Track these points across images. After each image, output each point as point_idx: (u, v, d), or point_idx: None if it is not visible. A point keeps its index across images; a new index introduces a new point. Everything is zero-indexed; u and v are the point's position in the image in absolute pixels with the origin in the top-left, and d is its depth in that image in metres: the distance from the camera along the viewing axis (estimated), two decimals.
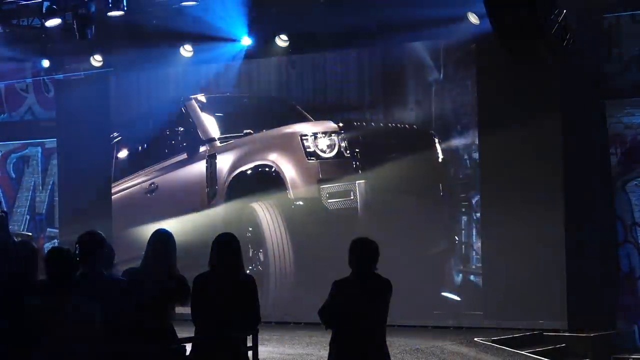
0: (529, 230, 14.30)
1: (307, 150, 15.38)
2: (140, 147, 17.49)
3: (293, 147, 15.51)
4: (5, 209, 9.08)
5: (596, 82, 15.00)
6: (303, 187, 15.55)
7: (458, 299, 15.00)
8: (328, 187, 15.39)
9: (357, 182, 15.31)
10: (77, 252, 7.81)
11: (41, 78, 19.73)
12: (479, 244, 14.88)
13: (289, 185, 15.53)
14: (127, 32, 16.55)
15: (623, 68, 15.16)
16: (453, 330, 14.62)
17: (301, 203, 15.60)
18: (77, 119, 18.20)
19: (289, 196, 15.59)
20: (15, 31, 17.18)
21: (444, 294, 15.07)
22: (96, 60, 17.82)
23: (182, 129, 16.77)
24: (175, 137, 16.88)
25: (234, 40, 16.36)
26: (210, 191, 16.26)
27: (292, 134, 15.63)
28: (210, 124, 16.49)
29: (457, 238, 15.13)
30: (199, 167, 16.42)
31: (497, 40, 10.19)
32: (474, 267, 14.95)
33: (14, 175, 20.53)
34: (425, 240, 15.14)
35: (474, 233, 15.00)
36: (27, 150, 20.53)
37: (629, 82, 15.11)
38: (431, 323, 14.95)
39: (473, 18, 14.64)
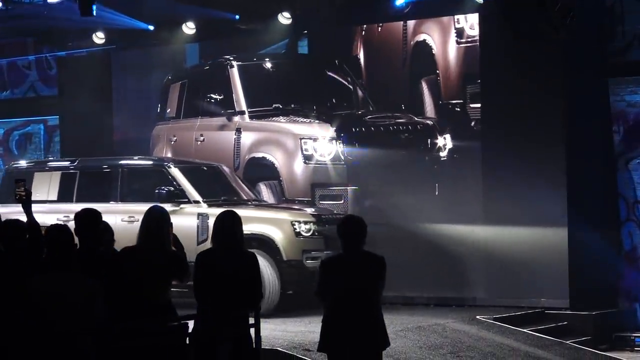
0: (531, 208, 14.29)
1: (305, 153, 16.07)
2: (189, 96, 17.73)
3: (292, 148, 16.20)
4: (28, 188, 8.90)
5: (599, 60, 14.95)
6: (297, 187, 16.18)
7: (460, 277, 15.00)
8: (320, 190, 16.08)
9: (348, 187, 15.93)
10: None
11: (43, 55, 19.70)
12: (481, 223, 14.89)
13: (284, 183, 16.24)
14: (129, 10, 16.52)
15: (626, 46, 15.11)
16: (455, 308, 14.64)
17: (295, 201, 16.06)
18: (79, 96, 18.17)
19: (284, 194, 16.19)
20: (18, 8, 17.12)
21: (446, 271, 15.08)
22: (98, 37, 17.80)
23: (222, 96, 17.06)
24: (217, 100, 17.16)
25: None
26: (235, 163, 16.62)
27: (293, 136, 16.22)
28: (244, 95, 16.87)
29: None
30: (231, 137, 16.89)
31: (500, 18, 10.20)
32: (475, 246, 14.94)
33: (16, 153, 20.52)
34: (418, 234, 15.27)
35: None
36: (29, 128, 20.53)
37: (632, 60, 15.07)
38: (433, 301, 14.99)
39: None
